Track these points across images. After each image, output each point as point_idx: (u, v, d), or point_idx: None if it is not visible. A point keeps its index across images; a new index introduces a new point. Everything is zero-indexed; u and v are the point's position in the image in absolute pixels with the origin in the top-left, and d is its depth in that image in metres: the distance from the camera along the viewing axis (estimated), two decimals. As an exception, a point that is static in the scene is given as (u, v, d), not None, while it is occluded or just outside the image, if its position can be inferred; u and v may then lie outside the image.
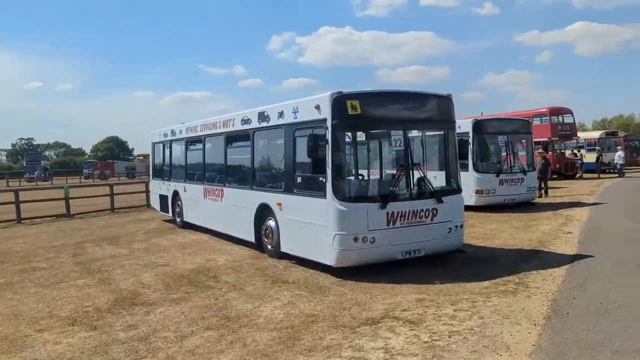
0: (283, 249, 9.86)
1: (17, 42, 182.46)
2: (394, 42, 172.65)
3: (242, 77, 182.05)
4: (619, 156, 31.38)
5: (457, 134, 17.61)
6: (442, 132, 9.88)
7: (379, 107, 8.74)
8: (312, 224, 8.77)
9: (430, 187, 9.07)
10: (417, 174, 9.04)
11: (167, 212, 16.77)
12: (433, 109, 9.44)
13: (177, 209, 15.72)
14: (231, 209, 11.96)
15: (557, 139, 32.21)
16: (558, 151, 33.42)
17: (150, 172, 19.30)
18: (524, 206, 17.30)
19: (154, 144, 18.19)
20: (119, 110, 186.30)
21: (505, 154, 17.53)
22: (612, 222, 13.35)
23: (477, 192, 16.89)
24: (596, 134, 40.72)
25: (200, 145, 13.92)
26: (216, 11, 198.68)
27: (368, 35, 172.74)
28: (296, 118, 9.34)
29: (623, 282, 7.43)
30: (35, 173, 75.73)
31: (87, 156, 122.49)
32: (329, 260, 8.44)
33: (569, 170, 31.93)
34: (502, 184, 17.12)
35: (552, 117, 32.00)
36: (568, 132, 32.68)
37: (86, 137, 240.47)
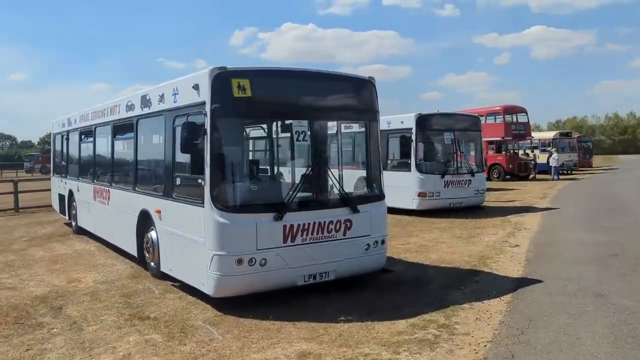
0: (163, 268, 7.82)
1: None
2: (357, 41, 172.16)
3: None
4: (553, 159, 30.12)
5: (399, 130, 16.16)
6: (361, 124, 7.99)
7: (276, 89, 6.76)
8: (191, 240, 6.78)
9: (343, 193, 7.18)
10: (326, 177, 7.12)
11: (65, 215, 14.41)
12: (350, 95, 7.53)
13: (73, 211, 13.40)
14: (116, 215, 9.81)
15: (510, 138, 31.09)
16: (511, 151, 32.31)
17: (51, 168, 16.83)
18: (472, 211, 15.69)
19: (54, 135, 15.77)
20: (73, 102, 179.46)
21: (452, 153, 15.85)
22: (565, 233, 11.78)
23: (419, 195, 15.19)
24: (550, 134, 39.98)
25: (91, 138, 11.66)
26: (178, 2, 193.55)
27: (331, 32, 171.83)
28: (176, 102, 7.30)
29: (578, 324, 5.68)
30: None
31: (33, 149, 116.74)
32: (207, 288, 6.46)
33: (522, 171, 30.81)
34: (448, 186, 15.47)
35: (505, 116, 30.86)
36: (522, 131, 31.59)
37: (36, 130, 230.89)
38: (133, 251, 8.96)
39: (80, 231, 12.71)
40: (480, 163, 16.82)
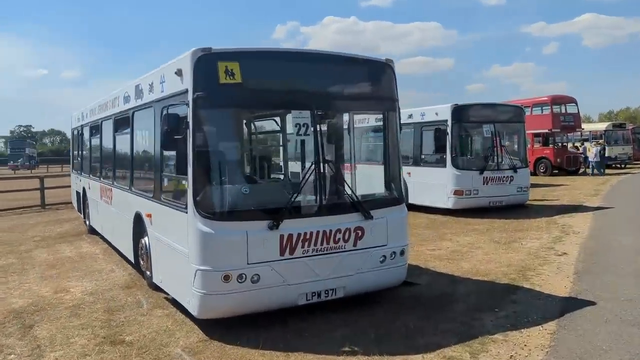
0: (154, 279, 6.97)
1: (22, 26, 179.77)
2: (399, 33, 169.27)
3: None
4: (592, 153, 27.74)
5: (434, 122, 14.87)
6: (377, 116, 6.89)
7: (272, 74, 5.75)
8: (177, 250, 5.88)
9: (354, 196, 6.11)
10: (333, 177, 6.08)
11: (81, 213, 13.86)
12: (363, 81, 6.43)
13: (87, 210, 12.80)
14: (117, 216, 9.06)
15: (558, 130, 29.09)
16: (559, 144, 30.32)
17: (70, 164, 16.37)
18: (514, 210, 14.31)
19: (72, 129, 15.25)
20: None
21: (492, 147, 14.47)
22: (621, 238, 10.33)
23: (455, 193, 13.92)
24: (602, 126, 37.45)
25: (98, 133, 10.95)
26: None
27: (373, 25, 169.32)
28: (163, 91, 6.39)
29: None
30: (19, 161, 73.00)
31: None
32: (192, 307, 5.55)
33: (571, 165, 28.85)
34: (487, 183, 14.13)
35: (553, 107, 28.90)
36: (571, 123, 29.54)
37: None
38: (131, 257, 8.18)
39: (93, 231, 12.08)
40: (523, 158, 15.35)
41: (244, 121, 6.58)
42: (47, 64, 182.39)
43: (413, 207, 15.06)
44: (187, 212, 5.47)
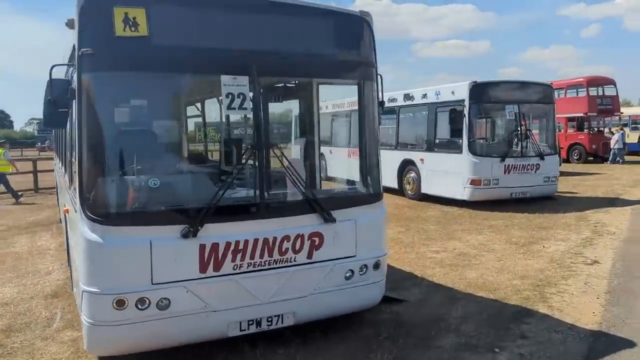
0: (74, 289, 5.61)
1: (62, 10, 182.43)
2: (433, 16, 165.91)
3: None
4: (615, 140, 25.00)
5: (450, 102, 13.15)
6: (346, 85, 5.29)
7: (194, 25, 4.20)
8: (77, 264, 4.48)
9: (309, 192, 4.58)
10: (280, 166, 4.57)
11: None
12: (326, 39, 4.80)
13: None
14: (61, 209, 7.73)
15: (595, 114, 26.79)
16: (595, 129, 28.01)
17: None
18: (539, 203, 12.56)
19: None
20: None
21: (515, 130, 12.69)
22: (667, 239, 8.58)
23: (472, 182, 12.21)
24: (643, 110, 34.76)
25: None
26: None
27: (406, 8, 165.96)
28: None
29: None
30: (46, 142, 73.58)
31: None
32: (84, 338, 4.16)
33: (607, 152, 26.55)
34: (509, 172, 12.37)
35: (590, 89, 26.61)
36: (609, 106, 27.16)
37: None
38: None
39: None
40: (552, 143, 13.47)
41: (154, 89, 5.06)
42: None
43: (426, 198, 13.52)
44: (77, 213, 4.07)
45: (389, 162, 15.07)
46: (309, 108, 5.37)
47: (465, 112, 12.26)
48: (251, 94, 4.25)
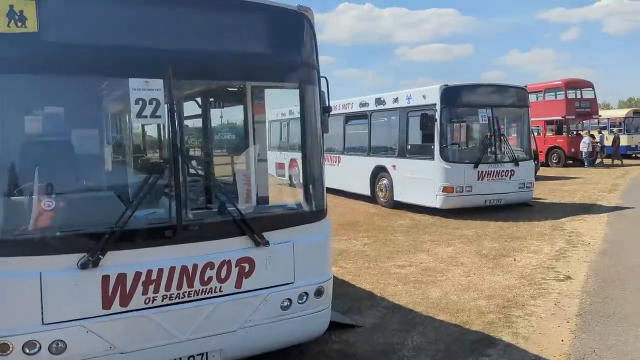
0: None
1: None
2: (415, 20, 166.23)
3: None
4: (584, 143, 24.79)
5: (421, 106, 12.67)
6: (283, 88, 4.73)
7: (97, 20, 3.58)
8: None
9: (236, 211, 3.99)
10: (201, 181, 3.99)
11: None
12: (260, 37, 4.18)
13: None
14: None
15: (573, 117, 26.60)
16: (574, 132, 27.81)
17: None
18: (514, 210, 12.15)
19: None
20: None
21: (489, 135, 12.25)
22: (643, 250, 8.15)
23: (444, 190, 11.73)
24: (622, 112, 34.71)
25: None
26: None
27: (389, 12, 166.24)
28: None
29: None
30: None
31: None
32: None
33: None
34: (483, 179, 11.92)
35: (567, 91, 26.44)
36: (587, 109, 27.02)
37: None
38: None
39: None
40: (527, 148, 13.06)
41: (47, 95, 4.41)
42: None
43: (399, 206, 13.03)
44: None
45: (362, 169, 14.61)
46: (246, 115, 4.79)
47: (437, 116, 11.79)
48: (166, 100, 3.67)
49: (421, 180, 12.30)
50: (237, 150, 5.04)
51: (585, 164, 24.80)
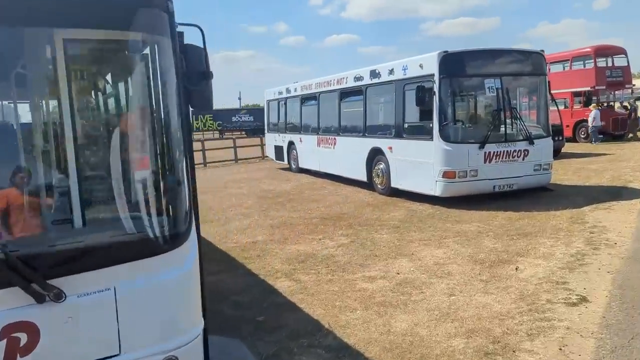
0: None
1: None
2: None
3: (283, 34, 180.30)
4: (592, 117, 22.24)
5: (418, 78, 10.85)
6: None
7: None
8: None
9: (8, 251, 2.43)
10: None
11: None
12: None
13: None
14: None
15: (603, 87, 24.21)
16: (605, 104, 25.42)
17: None
18: (529, 196, 10.38)
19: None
20: None
21: (497, 110, 10.41)
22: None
23: (445, 175, 10.00)
24: (658, 81, 31.95)
25: None
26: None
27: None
28: None
29: None
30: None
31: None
32: None
33: (618, 129, 24.05)
34: (491, 161, 10.13)
35: (597, 59, 24.00)
36: (619, 78, 24.56)
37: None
38: None
39: None
40: (544, 124, 11.10)
41: None
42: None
43: (398, 193, 11.38)
44: None
45: (357, 151, 12.96)
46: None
47: (436, 89, 10.02)
48: None
49: (419, 164, 10.60)
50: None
51: (593, 140, 22.59)
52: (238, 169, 20.67)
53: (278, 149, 19.49)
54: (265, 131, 21.17)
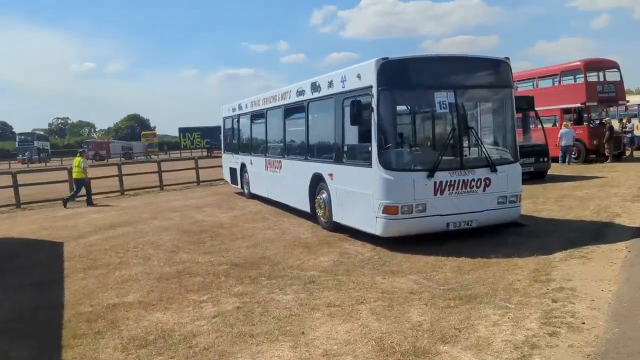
0: None
1: (66, 21, 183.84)
2: (440, 12, 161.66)
3: (284, 52, 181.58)
4: (564, 134, 20.78)
5: (355, 91, 8.39)
6: None
7: None
8: None
9: None
10: None
11: None
12: None
13: None
14: None
15: (595, 103, 22.32)
16: (596, 122, 23.53)
17: None
18: (497, 233, 8.43)
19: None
20: (165, 89, 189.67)
21: (450, 130, 8.44)
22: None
23: (386, 210, 8.02)
24: (652, 98, 30.10)
25: None
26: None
27: (412, 5, 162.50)
28: None
29: None
30: (26, 154, 70.65)
31: (106, 135, 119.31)
32: None
33: (614, 148, 22.11)
34: (442, 192, 8.14)
35: (588, 74, 22.14)
36: (612, 94, 22.67)
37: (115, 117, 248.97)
38: None
39: None
40: (512, 145, 9.04)
41: None
42: (94, 58, 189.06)
43: (341, 229, 9.46)
44: None
45: (300, 177, 11.04)
46: None
47: (374, 104, 8.10)
48: None
49: (358, 195, 8.67)
50: None
51: (563, 160, 20.84)
52: (193, 194, 18.72)
53: (232, 172, 17.59)
54: (222, 151, 19.30)
